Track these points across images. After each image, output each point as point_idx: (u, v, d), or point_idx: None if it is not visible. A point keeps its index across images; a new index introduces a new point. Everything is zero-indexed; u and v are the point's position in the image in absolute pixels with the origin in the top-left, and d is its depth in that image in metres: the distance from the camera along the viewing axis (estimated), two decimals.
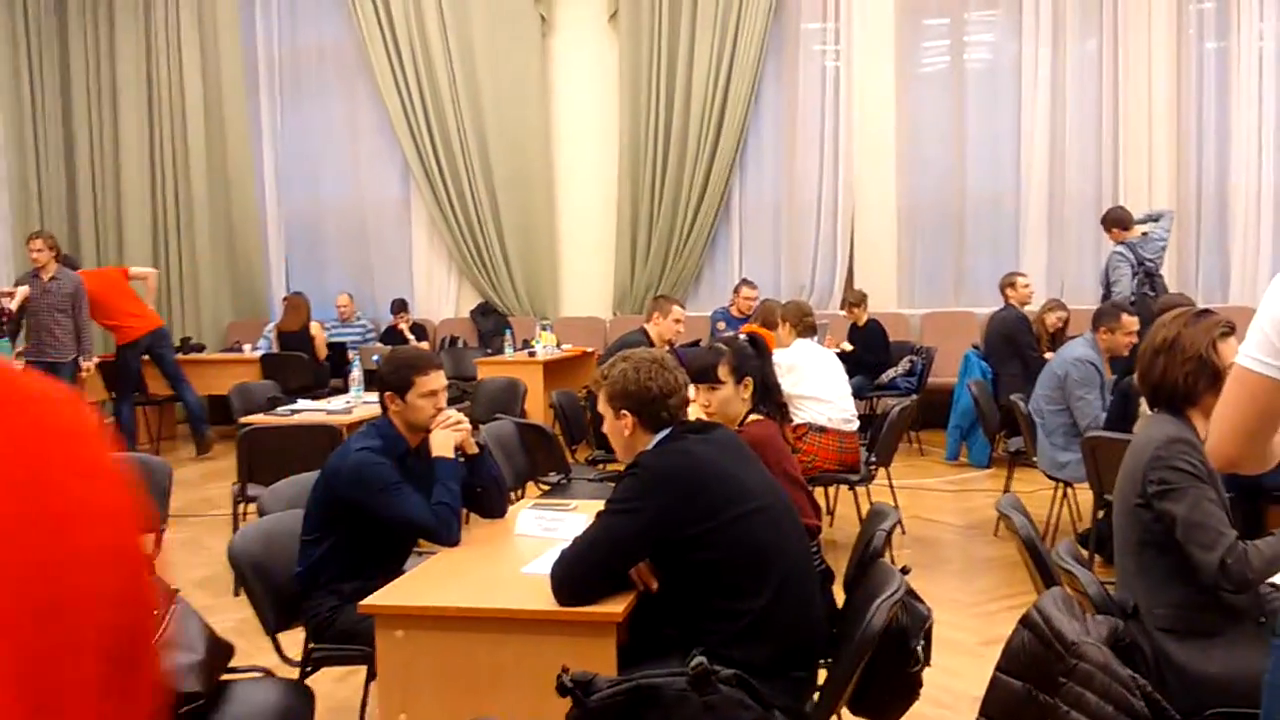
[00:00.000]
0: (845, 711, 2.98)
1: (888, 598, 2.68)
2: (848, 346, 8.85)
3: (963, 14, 10.15)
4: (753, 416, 3.77)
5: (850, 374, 6.38)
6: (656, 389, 2.94)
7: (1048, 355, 8.04)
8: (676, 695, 2.07)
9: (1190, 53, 9.69)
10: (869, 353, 8.95)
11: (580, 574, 2.80)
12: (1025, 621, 2.48)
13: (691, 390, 3.20)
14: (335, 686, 4.08)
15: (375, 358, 7.22)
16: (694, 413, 3.59)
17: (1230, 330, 3.02)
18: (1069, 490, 6.07)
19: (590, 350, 9.63)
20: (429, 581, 3.10)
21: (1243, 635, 2.82)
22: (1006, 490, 6.54)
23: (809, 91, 10.42)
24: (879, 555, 3.15)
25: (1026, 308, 8.25)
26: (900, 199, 10.33)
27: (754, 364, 3.82)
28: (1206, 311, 3.13)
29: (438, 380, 3.57)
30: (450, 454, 3.55)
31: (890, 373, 8.99)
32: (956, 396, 8.43)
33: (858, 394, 6.98)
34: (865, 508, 6.40)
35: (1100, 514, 5.20)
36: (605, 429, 3.03)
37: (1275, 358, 1.92)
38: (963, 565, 5.98)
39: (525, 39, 10.81)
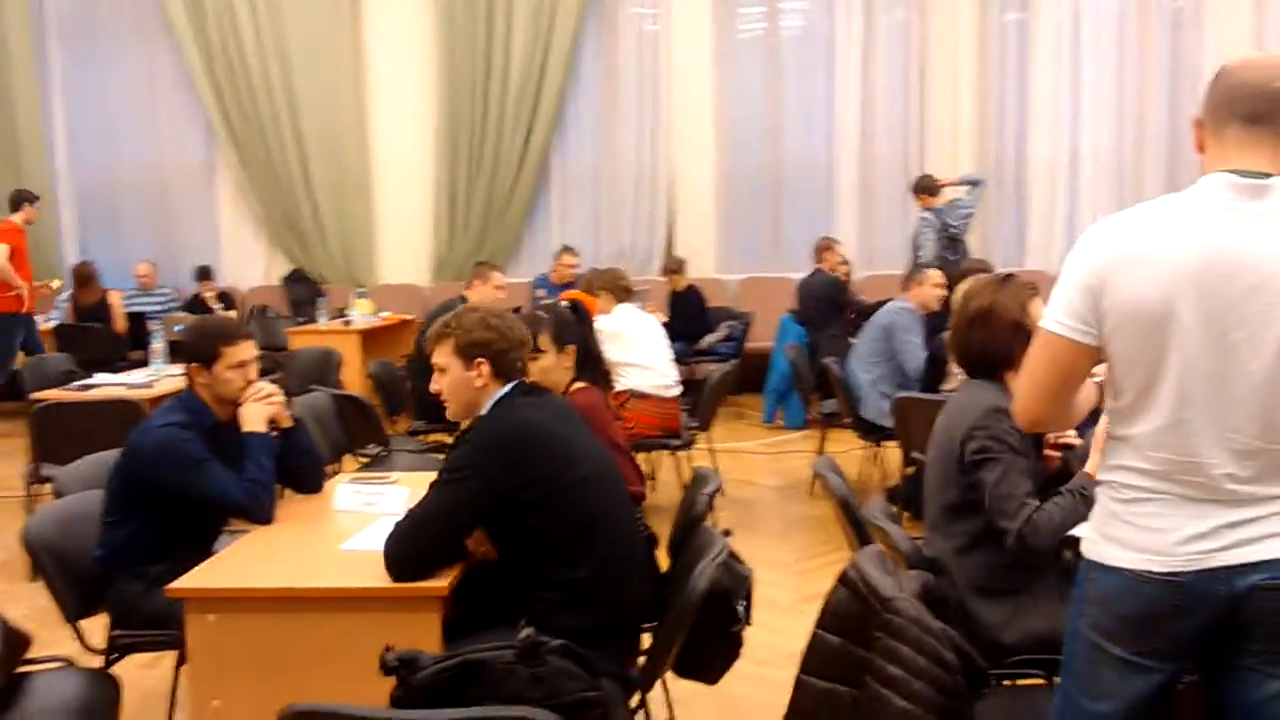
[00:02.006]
0: (670, 674, 3.03)
1: (710, 560, 2.72)
2: (663, 318, 8.94)
3: None
4: (577, 384, 3.75)
5: (671, 339, 6.45)
6: (514, 337, 2.92)
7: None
8: (504, 668, 2.05)
9: (992, 24, 10.11)
10: (688, 319, 9.06)
11: (415, 548, 2.74)
12: (843, 579, 2.54)
13: None
14: (143, 674, 3.90)
15: (178, 328, 6.90)
16: None
17: (1035, 291, 3.15)
18: (879, 449, 6.29)
19: (409, 318, 9.44)
20: (242, 562, 2.98)
21: (1044, 591, 2.96)
22: (821, 452, 6.75)
23: (627, 57, 10.43)
24: (701, 519, 3.19)
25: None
26: (718, 165, 10.47)
27: (575, 331, 3.80)
28: (1010, 276, 3.25)
29: (247, 351, 3.42)
30: (262, 428, 3.41)
31: (710, 338, 9.13)
32: (773, 361, 8.63)
33: (678, 360, 7.05)
34: (687, 472, 6.51)
35: (910, 470, 5.41)
36: (445, 384, 2.93)
37: (1077, 321, 2.02)
38: (781, 525, 6.15)
39: None
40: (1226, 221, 1.93)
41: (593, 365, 3.83)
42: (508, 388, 2.91)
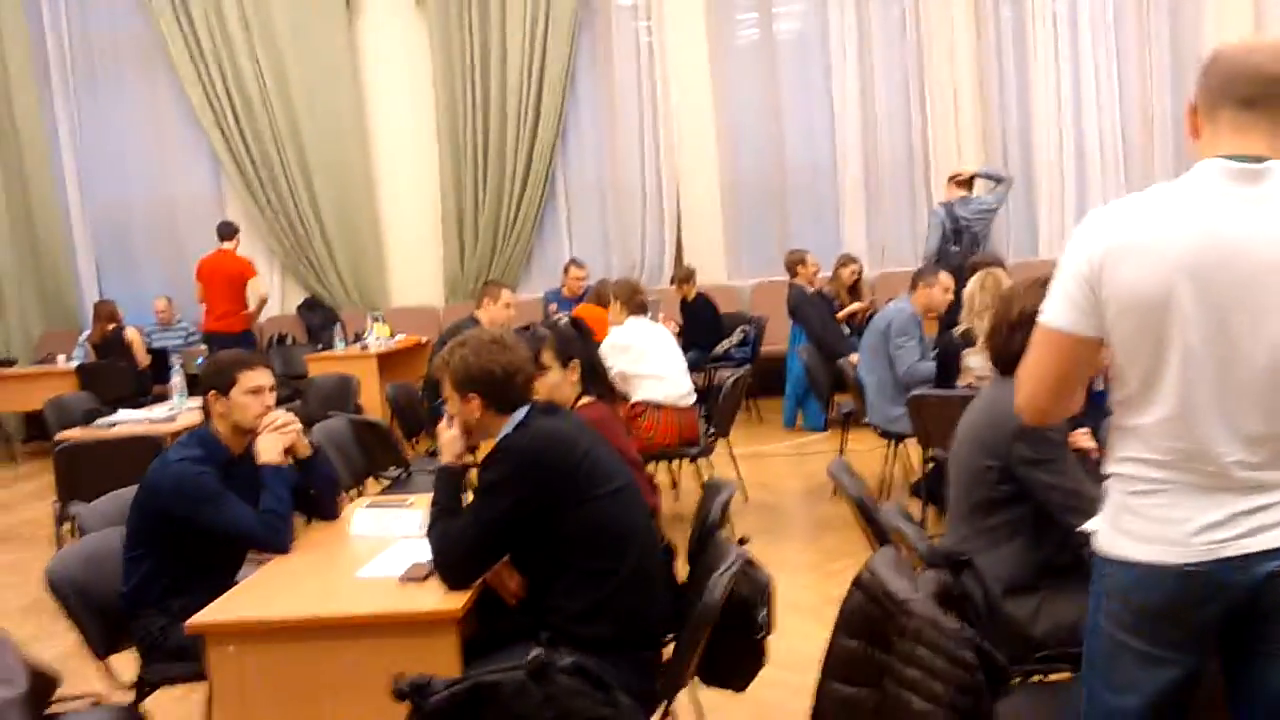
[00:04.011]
0: (698, 682, 3.02)
1: (724, 570, 2.72)
2: (675, 328, 8.95)
3: None
4: (584, 400, 3.76)
5: (685, 348, 6.47)
6: (500, 369, 2.92)
7: (855, 306, 8.38)
8: (516, 689, 2.06)
9: (988, 15, 10.09)
10: (700, 327, 9.05)
11: (462, 555, 2.80)
12: (858, 582, 2.53)
13: None
14: (175, 705, 3.91)
15: (199, 360, 6.94)
16: None
17: None
18: (900, 445, 6.27)
19: (425, 340, 9.47)
20: (259, 592, 2.99)
21: (1070, 580, 2.95)
22: (841, 452, 6.73)
23: (625, 67, 10.45)
24: (716, 529, 3.19)
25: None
26: (722, 172, 10.48)
27: (578, 346, 3.81)
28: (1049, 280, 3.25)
29: (263, 376, 3.45)
30: (277, 459, 3.42)
31: (724, 344, 9.12)
32: (789, 363, 8.62)
33: (693, 367, 7.08)
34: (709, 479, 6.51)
35: (931, 466, 5.39)
36: (456, 414, 2.99)
37: (1077, 313, 2.01)
38: (805, 528, 6.13)
39: (330, 21, 10.47)
40: (1222, 207, 1.91)
41: (598, 380, 3.84)
42: (523, 411, 2.92)
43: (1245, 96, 1.95)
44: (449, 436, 3.00)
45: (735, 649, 2.95)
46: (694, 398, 5.98)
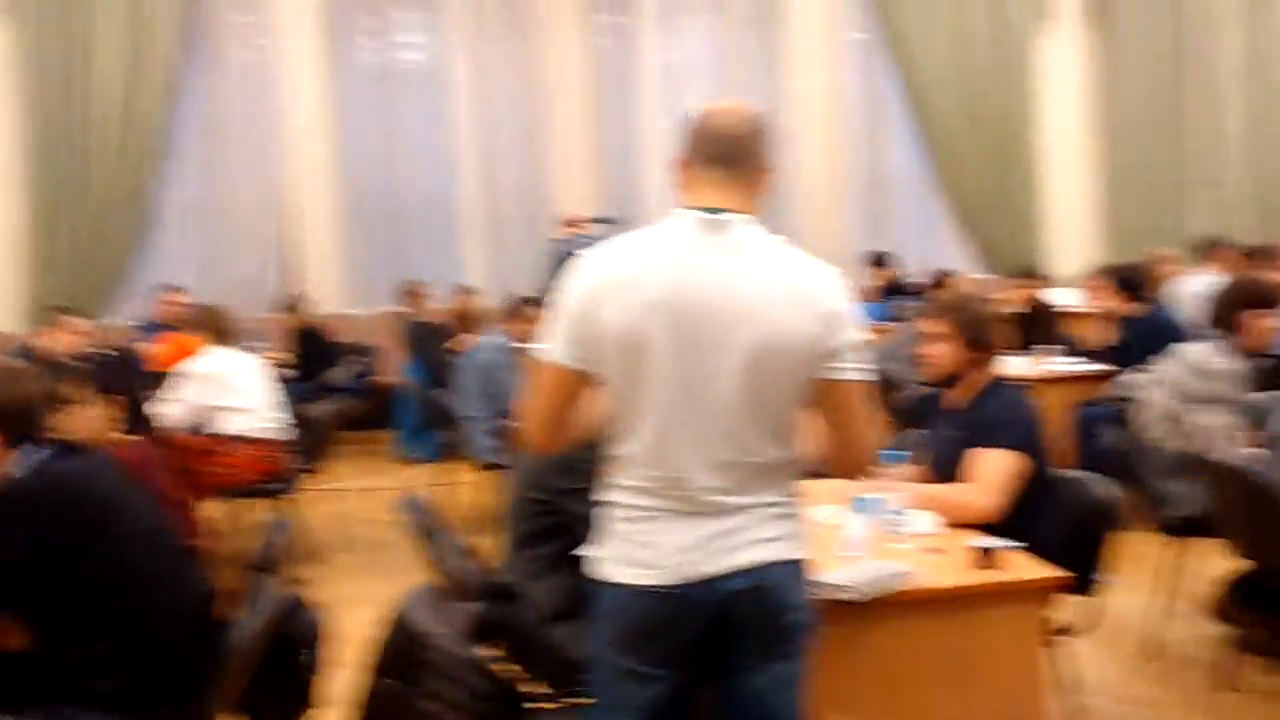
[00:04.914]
0: None
1: (258, 613, 2.65)
2: (284, 357, 8.67)
3: (390, 13, 10.27)
4: (126, 437, 3.55)
5: (296, 378, 6.25)
6: (13, 398, 2.69)
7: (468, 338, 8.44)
8: None
9: (600, 59, 10.48)
10: (310, 356, 8.80)
11: None
12: (389, 619, 2.54)
13: None
14: None
15: None
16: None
17: None
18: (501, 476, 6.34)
19: None
20: None
21: None
22: (450, 483, 6.76)
23: (235, 87, 9.99)
24: (264, 569, 3.09)
25: None
26: (339, 198, 10.23)
27: (120, 381, 3.60)
28: None
29: None
30: None
31: (335, 374, 8.91)
32: (404, 395, 8.55)
33: (303, 398, 6.86)
34: (306, 515, 6.32)
35: None
36: None
37: (568, 347, 2.12)
38: (411, 563, 6.05)
39: None
40: (694, 254, 2.08)
41: (141, 416, 3.64)
42: (41, 451, 2.70)
43: (717, 155, 2.13)
44: None
45: (279, 691, 2.87)
46: (285, 432, 5.78)
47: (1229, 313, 4.23)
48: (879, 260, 9.90)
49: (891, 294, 9.45)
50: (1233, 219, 10.97)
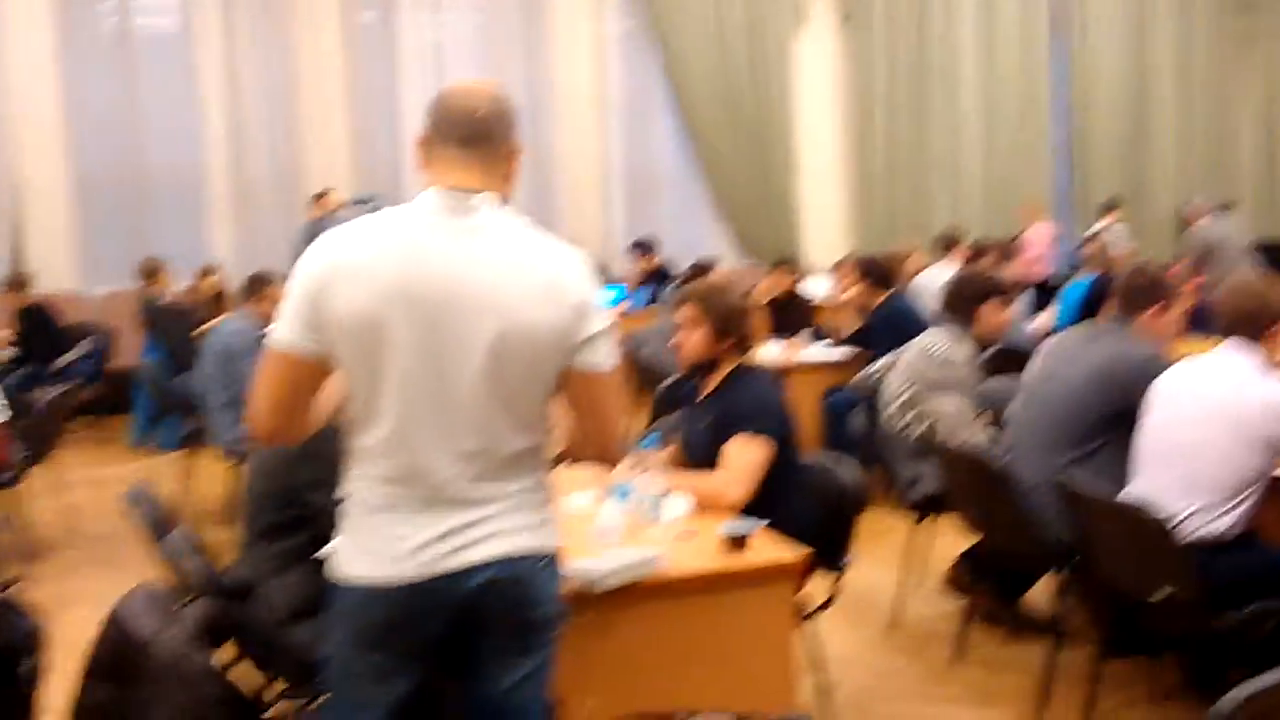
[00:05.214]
0: None
1: None
2: (9, 337, 8.01)
3: None
4: None
5: (20, 361, 5.73)
6: None
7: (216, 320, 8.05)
8: None
9: (359, 32, 10.17)
10: (36, 339, 8.15)
11: None
12: (107, 622, 2.35)
13: None
14: None
15: None
16: None
17: None
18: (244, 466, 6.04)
19: None
20: None
21: None
22: (190, 474, 6.39)
23: None
24: None
25: None
26: (71, 170, 9.53)
27: None
28: None
29: None
30: None
31: (66, 358, 8.28)
32: (141, 379, 8.02)
33: (29, 383, 6.33)
34: (30, 509, 5.84)
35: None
36: None
37: (301, 331, 1.98)
38: (144, 559, 5.68)
39: None
40: (434, 236, 1.99)
41: None
42: None
43: (461, 136, 2.05)
44: None
45: None
46: (3, 417, 5.30)
47: (965, 304, 4.45)
48: (642, 248, 10.00)
49: (654, 281, 9.56)
50: (972, 211, 11.72)
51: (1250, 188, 12.73)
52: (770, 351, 6.93)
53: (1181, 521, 3.16)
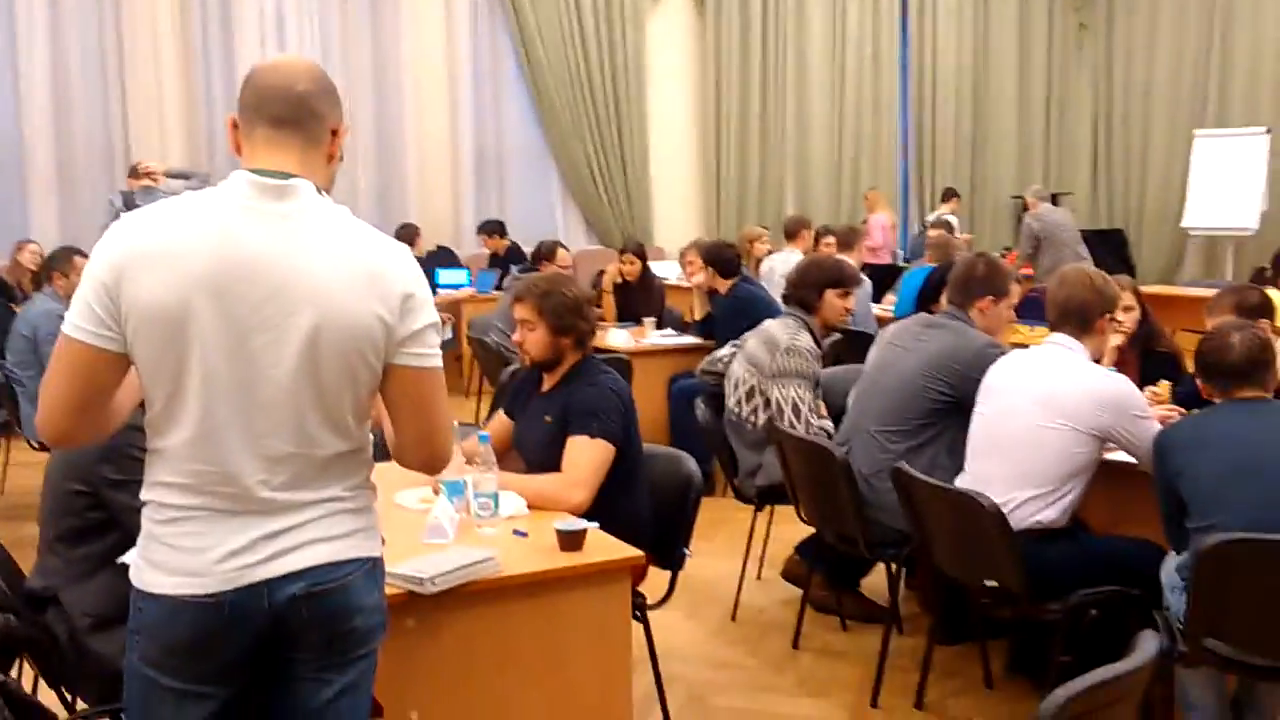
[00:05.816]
0: None
1: None
2: None
3: None
4: None
5: None
6: None
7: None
8: None
9: (194, 6, 9.75)
10: None
11: None
12: None
13: None
14: None
15: None
16: None
17: None
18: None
19: None
20: None
21: None
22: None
23: None
24: None
25: None
26: None
27: None
28: None
29: None
30: None
31: None
32: None
33: None
34: None
35: None
36: None
37: (97, 324, 1.82)
38: None
39: None
40: (246, 222, 1.85)
41: None
42: None
43: (276, 115, 1.91)
44: None
45: None
46: None
47: (808, 291, 4.45)
48: (491, 229, 9.82)
49: (502, 263, 9.41)
50: (818, 198, 11.90)
51: (1086, 178, 13.29)
52: (617, 337, 6.88)
53: (1011, 511, 3.21)
